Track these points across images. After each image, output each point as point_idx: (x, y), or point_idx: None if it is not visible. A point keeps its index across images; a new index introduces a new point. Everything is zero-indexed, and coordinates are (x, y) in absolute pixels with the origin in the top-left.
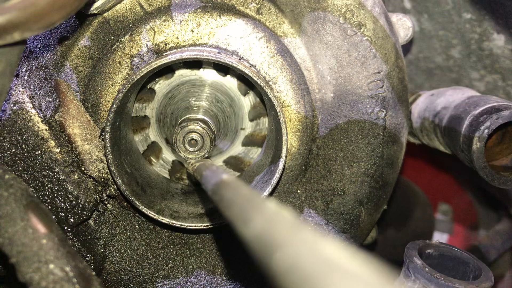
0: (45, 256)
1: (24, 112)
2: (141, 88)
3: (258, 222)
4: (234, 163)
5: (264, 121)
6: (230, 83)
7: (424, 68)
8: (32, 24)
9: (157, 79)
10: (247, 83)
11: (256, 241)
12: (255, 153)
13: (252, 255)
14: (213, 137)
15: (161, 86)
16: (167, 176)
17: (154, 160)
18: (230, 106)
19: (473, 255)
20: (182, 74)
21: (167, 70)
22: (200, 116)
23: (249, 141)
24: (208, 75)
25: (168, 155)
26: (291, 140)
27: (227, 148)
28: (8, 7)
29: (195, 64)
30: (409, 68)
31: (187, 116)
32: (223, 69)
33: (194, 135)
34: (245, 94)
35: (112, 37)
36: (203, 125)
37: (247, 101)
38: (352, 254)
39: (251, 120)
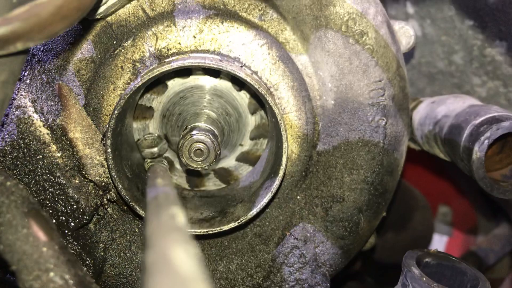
0: (45, 264)
1: (26, 117)
2: (155, 82)
3: (154, 253)
4: (223, 174)
5: (263, 142)
6: (242, 99)
7: (426, 72)
8: (35, 35)
9: (173, 76)
10: (259, 100)
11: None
12: (245, 170)
13: None
14: (218, 152)
15: (175, 83)
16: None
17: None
18: (236, 121)
19: (470, 264)
20: (199, 78)
21: (184, 71)
22: (210, 127)
23: (244, 158)
24: (223, 85)
25: None
26: (291, 146)
27: (221, 160)
28: (11, 17)
29: (213, 72)
30: (411, 72)
31: (197, 123)
32: (239, 82)
33: (202, 146)
34: (253, 113)
35: (114, 42)
36: (213, 138)
37: (253, 120)
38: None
39: (252, 139)
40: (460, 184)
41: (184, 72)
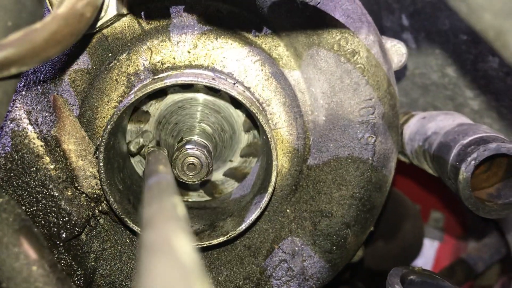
0: (35, 283)
1: (20, 129)
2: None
3: (153, 233)
4: (208, 187)
5: (252, 161)
6: (238, 116)
7: (419, 83)
8: (29, 60)
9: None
10: (253, 119)
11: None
12: (231, 186)
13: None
14: (211, 169)
15: (175, 92)
16: (140, 173)
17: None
18: (230, 138)
19: (454, 282)
20: (199, 92)
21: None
22: (205, 142)
23: (231, 173)
24: (221, 101)
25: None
26: (282, 160)
27: None
28: (5, 43)
29: (214, 88)
30: (405, 83)
31: (192, 137)
32: (237, 101)
33: (195, 161)
34: (246, 131)
35: (110, 54)
36: (207, 154)
37: (246, 138)
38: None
39: (242, 156)
40: (451, 193)
41: (186, 85)
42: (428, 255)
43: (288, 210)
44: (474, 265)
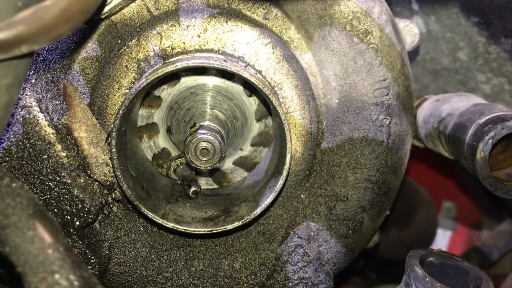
0: (51, 266)
1: (31, 117)
2: (168, 77)
3: None
4: (217, 176)
5: (263, 150)
6: (251, 104)
7: (430, 69)
8: (39, 38)
9: (187, 71)
10: (267, 106)
11: None
12: (239, 175)
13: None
14: (224, 155)
15: (187, 78)
16: (149, 158)
17: (145, 138)
18: (242, 126)
19: (474, 264)
20: (212, 77)
21: (198, 68)
22: (218, 128)
23: (241, 162)
24: (235, 88)
25: (161, 141)
26: (295, 145)
27: None
28: (16, 21)
29: (228, 74)
30: (416, 68)
31: (206, 123)
32: (250, 87)
33: (209, 146)
34: (258, 120)
35: (119, 41)
36: (220, 140)
37: (257, 127)
38: None
39: (252, 145)
40: (464, 180)
41: (199, 69)
42: (441, 245)
43: (302, 196)
44: (489, 253)
